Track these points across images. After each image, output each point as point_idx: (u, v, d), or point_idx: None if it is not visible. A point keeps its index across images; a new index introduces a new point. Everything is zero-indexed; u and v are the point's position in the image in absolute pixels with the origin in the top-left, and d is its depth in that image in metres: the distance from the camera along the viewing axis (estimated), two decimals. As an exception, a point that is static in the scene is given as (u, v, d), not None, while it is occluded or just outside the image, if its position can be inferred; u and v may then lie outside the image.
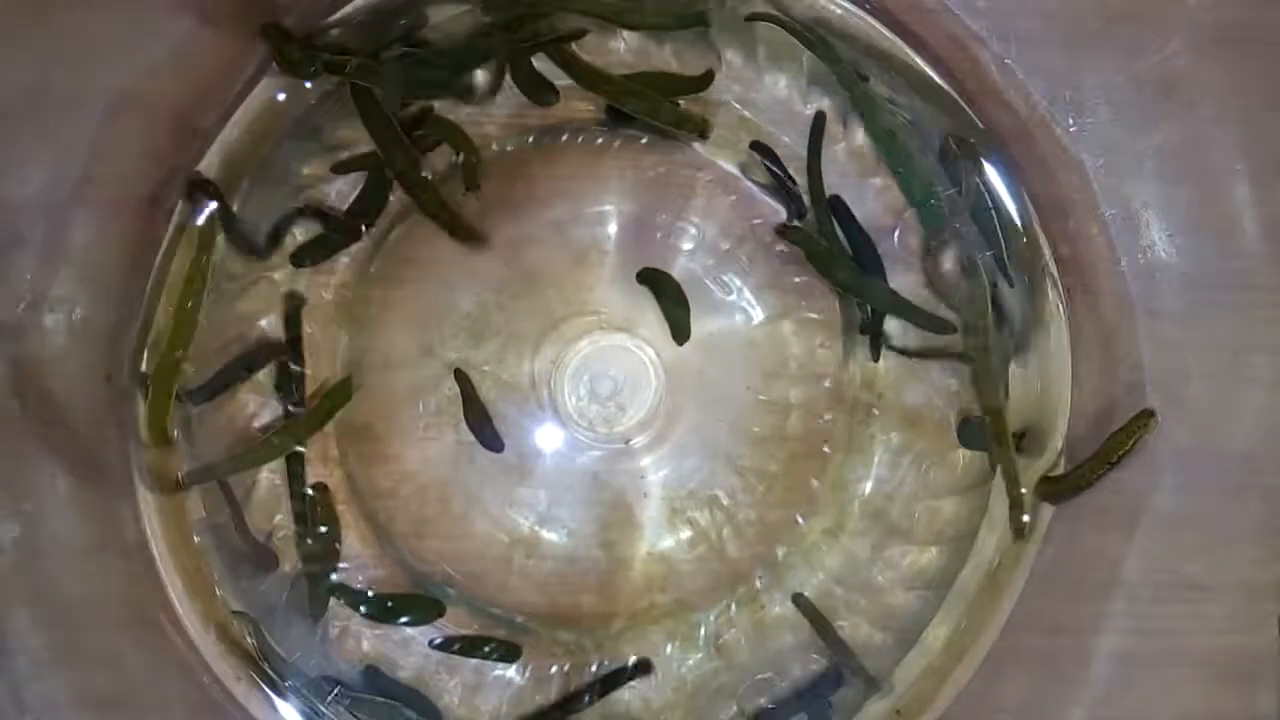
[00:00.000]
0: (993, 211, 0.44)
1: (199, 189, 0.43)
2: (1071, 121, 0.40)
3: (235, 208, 0.45)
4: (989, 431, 0.44)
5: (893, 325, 0.47)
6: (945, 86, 0.44)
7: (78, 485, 0.39)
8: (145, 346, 0.43)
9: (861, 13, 0.44)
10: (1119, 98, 0.38)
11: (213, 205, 0.43)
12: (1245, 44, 0.35)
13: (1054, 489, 0.44)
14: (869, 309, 0.46)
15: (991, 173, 0.44)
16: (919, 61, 0.44)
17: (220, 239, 0.45)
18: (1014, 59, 0.41)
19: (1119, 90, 0.38)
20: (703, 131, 0.45)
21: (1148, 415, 0.40)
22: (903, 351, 0.46)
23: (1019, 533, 0.44)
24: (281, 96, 0.44)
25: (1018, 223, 0.45)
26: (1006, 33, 0.40)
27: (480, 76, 0.46)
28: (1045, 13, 0.39)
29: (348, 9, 0.43)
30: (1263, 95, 0.35)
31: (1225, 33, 0.35)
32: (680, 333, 0.46)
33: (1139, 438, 0.40)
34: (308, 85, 0.44)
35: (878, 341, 0.46)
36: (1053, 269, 0.44)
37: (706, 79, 0.46)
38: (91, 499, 0.40)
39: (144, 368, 0.43)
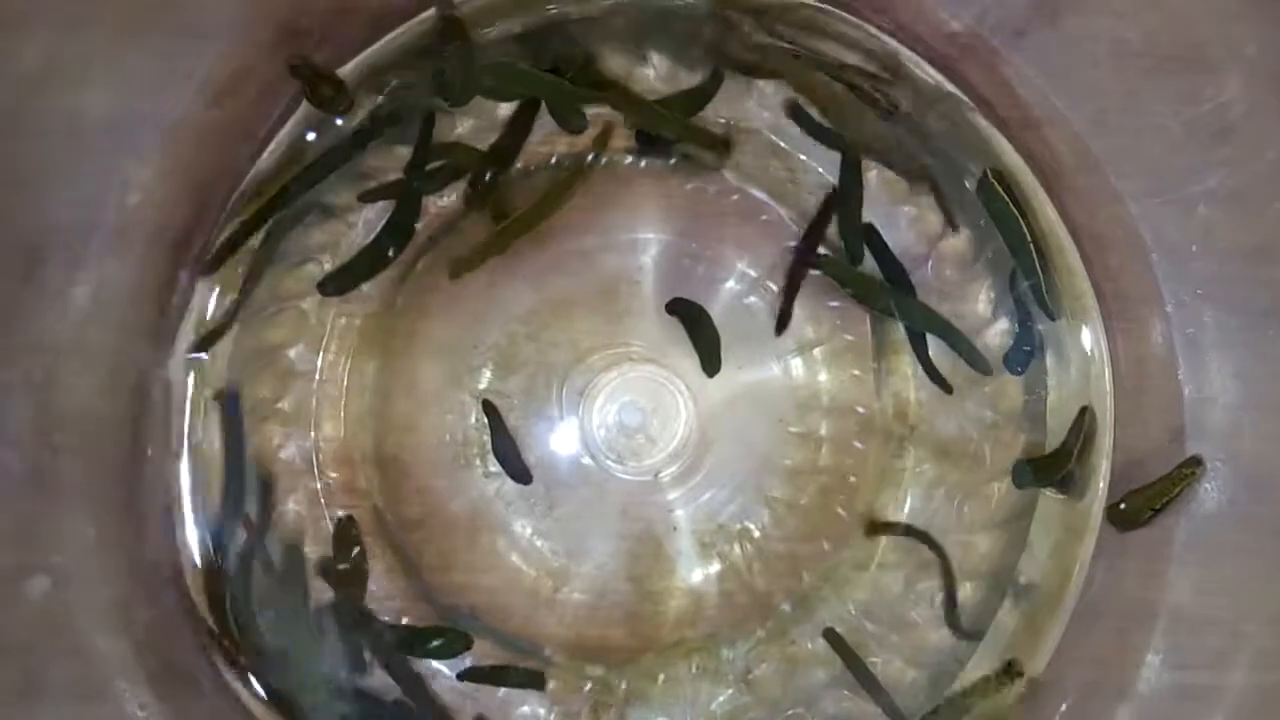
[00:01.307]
0: (1031, 244, 0.43)
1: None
2: (1120, 162, 0.39)
3: (262, 238, 0.44)
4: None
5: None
6: (984, 120, 0.43)
7: (106, 533, 0.39)
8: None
9: (898, 44, 0.43)
10: (1172, 140, 0.37)
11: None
12: None
13: (1119, 516, 0.43)
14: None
15: (1033, 205, 0.44)
16: (957, 93, 0.43)
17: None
18: (1060, 96, 0.40)
19: (1172, 133, 0.37)
20: (726, 145, 0.44)
21: (1195, 463, 0.39)
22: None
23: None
24: (311, 136, 0.44)
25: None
26: (1052, 69, 0.40)
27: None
28: (1094, 51, 0.38)
29: (379, 45, 0.43)
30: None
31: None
32: (710, 365, 0.46)
33: (1186, 485, 0.39)
34: (339, 121, 0.44)
35: (927, 360, 0.46)
36: (1095, 305, 0.43)
37: (715, 82, 0.45)
38: (121, 546, 0.39)
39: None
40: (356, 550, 0.46)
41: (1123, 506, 0.42)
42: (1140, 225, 0.40)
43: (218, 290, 0.44)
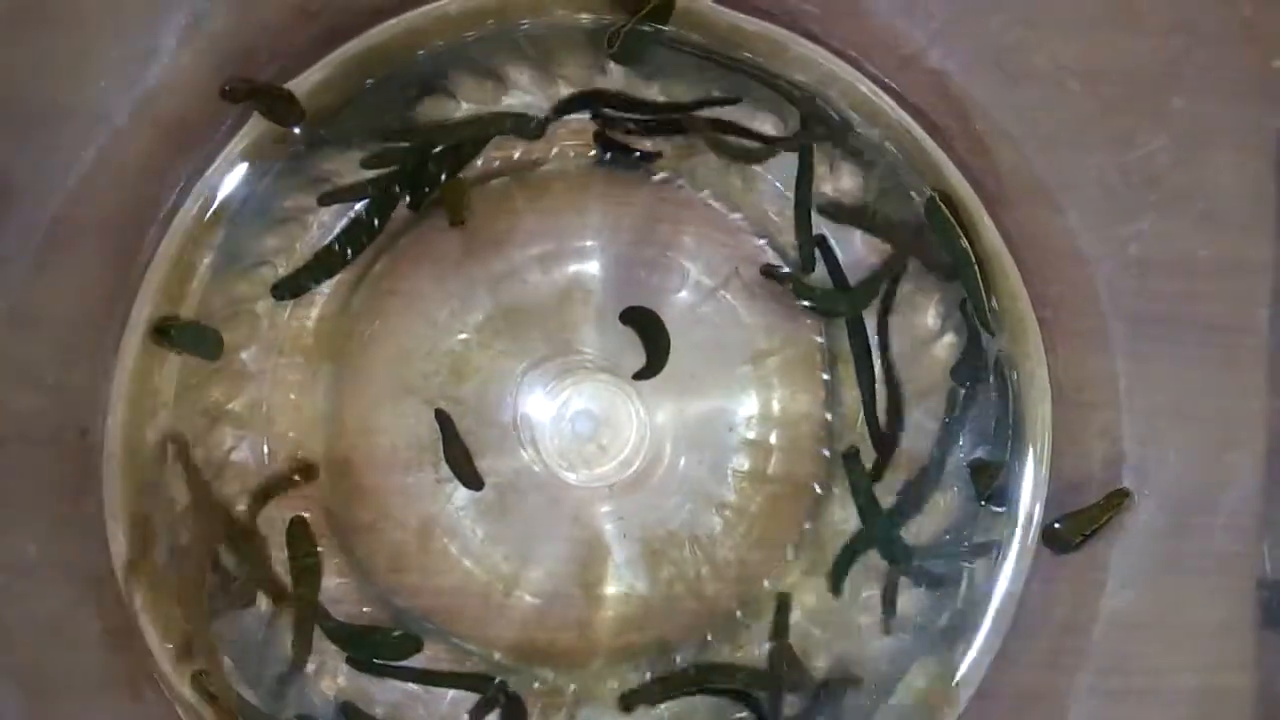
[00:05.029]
0: (975, 266, 0.43)
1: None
2: (1063, 193, 0.40)
3: (218, 241, 0.44)
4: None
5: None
6: (933, 143, 0.44)
7: (51, 545, 0.39)
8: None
9: (850, 69, 0.44)
10: (1108, 181, 0.39)
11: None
12: (1225, 149, 0.35)
13: (1053, 537, 0.44)
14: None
15: (978, 228, 0.44)
16: (905, 117, 0.44)
17: (203, 270, 0.44)
18: (1009, 124, 0.41)
19: (1108, 174, 0.38)
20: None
21: (1122, 494, 0.41)
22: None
23: None
24: (241, 169, 0.44)
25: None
26: (1002, 99, 0.41)
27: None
28: (1042, 87, 0.39)
29: (332, 56, 0.43)
30: (1236, 198, 0.36)
31: (1204, 136, 0.36)
32: (652, 369, 0.46)
33: (1114, 513, 0.41)
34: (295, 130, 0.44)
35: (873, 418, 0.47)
36: (1036, 329, 0.44)
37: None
38: (65, 559, 0.40)
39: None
40: (312, 549, 0.46)
41: (1057, 527, 0.43)
42: (1081, 252, 0.41)
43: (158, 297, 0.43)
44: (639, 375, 0.46)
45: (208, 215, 0.43)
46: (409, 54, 0.43)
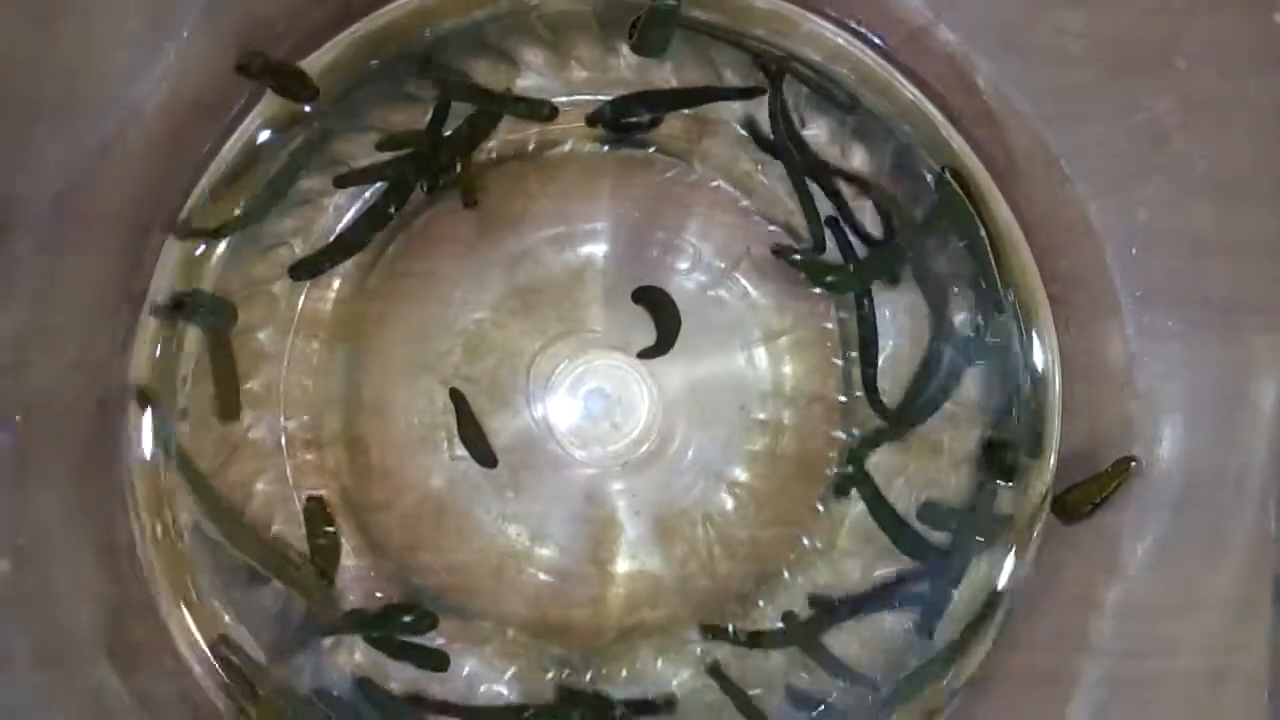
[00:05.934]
0: (986, 241, 0.43)
1: None
2: (1070, 162, 0.40)
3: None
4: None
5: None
6: (941, 119, 0.44)
7: (70, 515, 0.40)
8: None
9: (861, 45, 0.44)
10: (1115, 147, 0.39)
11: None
12: (1228, 111, 0.35)
13: (1062, 508, 0.44)
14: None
15: (988, 203, 0.44)
16: (915, 92, 0.44)
17: (221, 250, 0.45)
18: (1016, 96, 0.41)
19: (1114, 140, 0.38)
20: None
21: (1128, 461, 0.41)
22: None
23: None
24: (263, 135, 0.44)
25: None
26: (1009, 70, 0.41)
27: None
28: (1046, 54, 0.39)
29: (344, 35, 0.43)
30: (1243, 163, 0.36)
31: (1210, 99, 0.35)
32: (664, 345, 0.46)
33: (1121, 481, 0.41)
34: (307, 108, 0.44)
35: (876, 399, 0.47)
36: (1046, 302, 0.44)
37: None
38: (85, 528, 0.40)
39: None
40: (329, 528, 0.46)
41: (1065, 497, 0.43)
42: (1090, 225, 0.41)
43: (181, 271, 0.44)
44: (645, 354, 0.46)
45: (223, 194, 0.43)
46: (419, 34, 0.44)
